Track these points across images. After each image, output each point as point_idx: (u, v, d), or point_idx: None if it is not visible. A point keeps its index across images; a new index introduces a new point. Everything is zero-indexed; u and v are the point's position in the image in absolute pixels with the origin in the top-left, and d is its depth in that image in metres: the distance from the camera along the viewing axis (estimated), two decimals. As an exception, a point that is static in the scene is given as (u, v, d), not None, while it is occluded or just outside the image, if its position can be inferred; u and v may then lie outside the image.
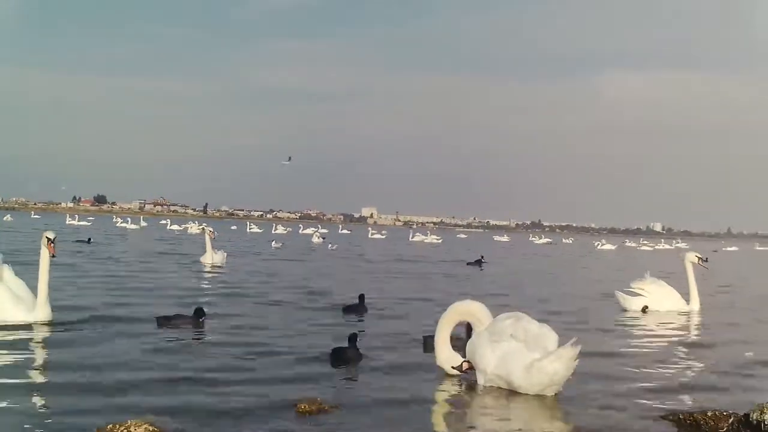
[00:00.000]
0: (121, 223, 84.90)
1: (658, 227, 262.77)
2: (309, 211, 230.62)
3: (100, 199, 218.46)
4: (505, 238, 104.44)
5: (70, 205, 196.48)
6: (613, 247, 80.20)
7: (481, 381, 8.30)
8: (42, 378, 8.15)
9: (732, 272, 38.57)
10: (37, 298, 11.28)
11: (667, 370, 9.98)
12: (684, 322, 15.78)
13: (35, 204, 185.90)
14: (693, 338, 13.70)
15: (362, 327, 12.29)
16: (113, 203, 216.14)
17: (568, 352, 7.75)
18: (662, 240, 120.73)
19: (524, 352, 7.93)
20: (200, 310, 11.87)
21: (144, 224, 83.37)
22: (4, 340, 10.01)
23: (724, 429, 6.85)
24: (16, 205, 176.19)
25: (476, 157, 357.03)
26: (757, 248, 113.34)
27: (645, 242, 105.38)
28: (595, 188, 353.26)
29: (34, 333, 10.67)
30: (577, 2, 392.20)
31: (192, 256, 29.97)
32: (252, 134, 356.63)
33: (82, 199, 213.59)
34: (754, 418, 6.69)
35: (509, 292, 20.46)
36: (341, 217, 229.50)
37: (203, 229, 32.21)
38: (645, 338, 13.32)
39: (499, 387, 8.16)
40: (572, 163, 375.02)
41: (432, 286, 21.73)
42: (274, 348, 10.14)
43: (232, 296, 16.50)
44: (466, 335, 9.12)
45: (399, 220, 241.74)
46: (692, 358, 11.16)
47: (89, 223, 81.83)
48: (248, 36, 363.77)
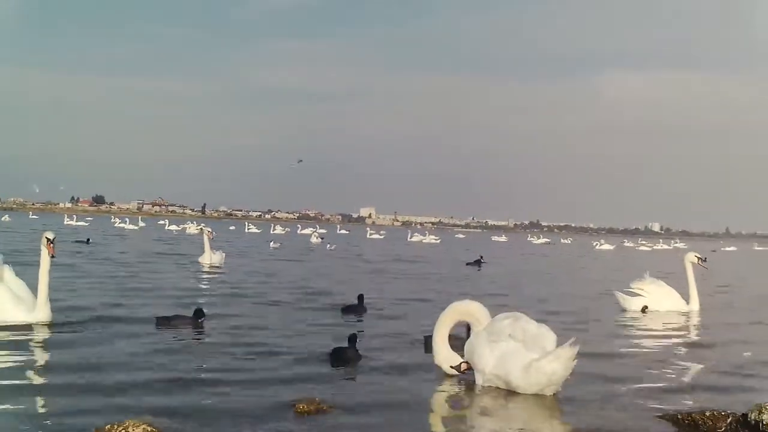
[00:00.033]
0: (120, 223, 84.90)
1: (656, 227, 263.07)
2: (307, 212, 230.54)
3: (98, 200, 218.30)
4: (503, 238, 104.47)
5: (69, 205, 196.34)
6: (612, 247, 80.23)
7: (479, 381, 8.30)
8: (41, 378, 8.15)
9: (731, 272, 38.59)
10: (37, 299, 11.28)
11: (666, 370, 9.98)
12: (684, 322, 15.78)
13: (33, 204, 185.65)
14: (692, 338, 13.71)
15: (361, 327, 12.30)
16: (111, 203, 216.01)
17: (567, 352, 7.76)
18: (660, 240, 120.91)
19: (522, 352, 7.93)
20: (199, 311, 11.89)
21: (142, 224, 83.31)
22: (4, 341, 10.01)
23: (723, 429, 6.87)
24: (14, 206, 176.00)
25: (476, 157, 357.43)
26: (756, 248, 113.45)
27: (643, 242, 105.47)
28: (594, 188, 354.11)
29: (34, 333, 10.67)
30: (577, 2, 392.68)
31: (190, 256, 29.95)
32: (252, 134, 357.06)
33: (81, 200, 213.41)
34: (752, 417, 6.70)
35: (508, 293, 20.47)
36: (339, 217, 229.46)
37: (201, 229, 32.28)
38: (644, 338, 13.33)
39: (497, 387, 8.16)
40: (572, 163, 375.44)
41: (431, 287, 21.72)
42: (273, 348, 10.13)
43: (230, 296, 16.51)
44: (467, 335, 9.13)
45: (397, 221, 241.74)
46: (691, 358, 11.17)
47: (87, 224, 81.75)
48: (248, 36, 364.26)
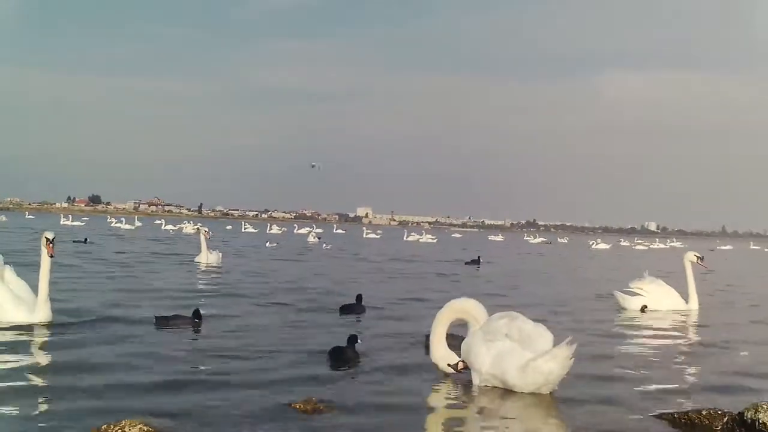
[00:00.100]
0: (116, 223, 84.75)
1: (653, 226, 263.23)
2: (304, 211, 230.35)
3: (94, 199, 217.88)
4: (499, 238, 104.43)
5: (65, 205, 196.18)
6: (608, 247, 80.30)
7: (476, 380, 8.31)
8: (41, 379, 8.12)
9: (730, 271, 38.61)
10: (37, 299, 11.28)
11: (665, 370, 10.00)
12: (683, 321, 15.78)
13: (29, 204, 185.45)
14: (692, 338, 13.69)
15: (360, 327, 12.27)
16: (108, 203, 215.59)
17: (563, 352, 7.77)
18: (657, 239, 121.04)
19: (519, 352, 7.94)
20: (198, 312, 11.90)
21: (138, 224, 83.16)
22: (4, 341, 10.00)
23: (719, 428, 6.89)
24: (11, 205, 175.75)
25: (476, 157, 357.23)
26: (752, 247, 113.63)
27: (640, 241, 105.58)
28: (593, 188, 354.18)
29: (34, 334, 10.66)
30: (577, 2, 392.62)
31: (187, 256, 29.93)
32: (252, 134, 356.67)
33: (77, 200, 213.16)
34: (749, 416, 6.71)
35: (506, 292, 20.47)
36: (336, 216, 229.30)
37: (198, 229, 32.27)
38: (644, 338, 13.29)
39: (494, 386, 8.17)
40: (571, 163, 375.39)
41: (429, 286, 21.73)
42: (271, 348, 10.12)
43: (228, 296, 16.51)
44: None
45: (394, 220, 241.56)
46: (691, 358, 11.19)
47: (83, 224, 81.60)
48: (248, 36, 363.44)
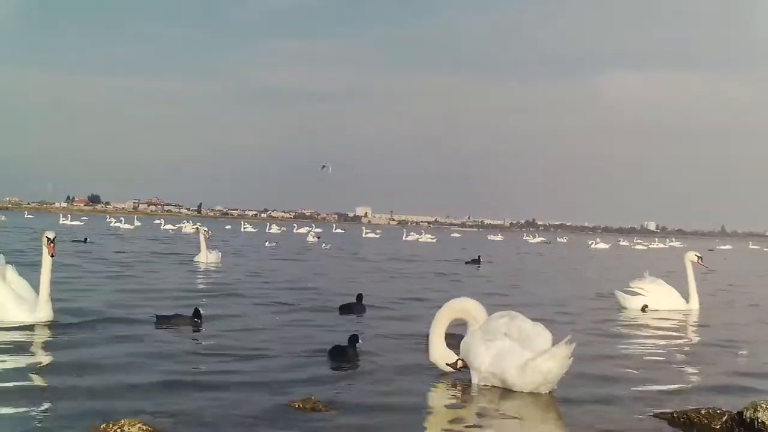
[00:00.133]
0: (115, 222, 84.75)
1: (652, 226, 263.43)
2: (303, 211, 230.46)
3: (93, 199, 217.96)
4: (499, 237, 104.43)
5: (64, 204, 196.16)
6: (607, 246, 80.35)
7: (475, 380, 8.31)
8: (41, 379, 8.09)
9: (730, 271, 38.56)
10: (39, 299, 11.27)
11: (665, 370, 10.00)
12: (683, 321, 15.77)
13: (29, 204, 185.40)
14: (692, 338, 13.69)
15: (360, 327, 12.20)
16: (107, 203, 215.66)
17: (562, 351, 7.77)
18: (656, 239, 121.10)
19: (518, 351, 7.94)
20: (198, 311, 11.90)
21: (138, 224, 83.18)
22: (5, 341, 9.98)
23: (718, 427, 6.89)
24: (10, 205, 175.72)
25: (476, 157, 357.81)
26: (751, 246, 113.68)
27: (639, 241, 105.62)
28: (593, 188, 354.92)
29: (35, 333, 10.65)
30: (577, 2, 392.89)
31: (186, 255, 29.92)
32: (252, 134, 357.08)
33: (76, 199, 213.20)
34: (748, 416, 6.72)
35: (506, 292, 20.46)
36: (335, 216, 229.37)
37: (197, 228, 32.25)
38: (644, 338, 13.26)
39: (493, 386, 8.17)
40: (571, 163, 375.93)
41: (429, 286, 21.70)
42: (271, 347, 10.11)
43: (227, 296, 16.47)
44: None
45: (393, 220, 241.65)
46: (691, 357, 11.17)
47: (83, 223, 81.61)
48: (248, 36, 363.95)
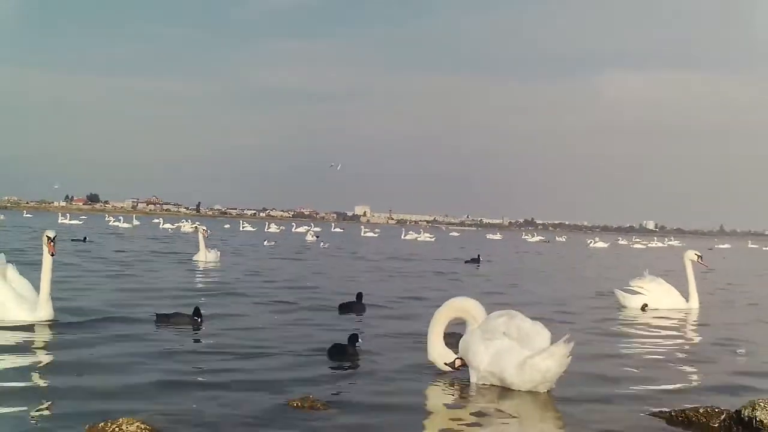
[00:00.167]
0: (114, 222, 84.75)
1: (651, 225, 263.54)
2: (302, 210, 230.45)
3: (92, 198, 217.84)
4: (497, 237, 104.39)
5: (63, 204, 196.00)
6: (606, 245, 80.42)
7: (474, 378, 8.32)
8: (41, 378, 8.07)
9: (729, 270, 38.53)
10: (39, 298, 11.26)
11: (664, 369, 10.00)
12: (683, 320, 15.78)
13: (27, 203, 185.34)
14: (692, 337, 13.70)
15: (360, 326, 12.21)
16: (106, 202, 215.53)
17: (561, 349, 7.78)
18: (655, 238, 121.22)
19: (517, 350, 7.95)
20: (198, 310, 11.90)
21: (136, 223, 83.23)
22: (5, 340, 9.98)
23: (716, 425, 6.90)
24: (8, 204, 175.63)
25: (476, 157, 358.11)
26: (750, 245, 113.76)
27: (638, 240, 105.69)
28: (593, 188, 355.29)
29: (35, 333, 10.64)
30: (577, 2, 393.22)
31: (185, 254, 29.92)
32: (252, 134, 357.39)
33: (75, 198, 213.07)
34: (746, 414, 6.73)
35: (506, 291, 20.47)
36: (334, 215, 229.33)
37: (196, 227, 32.23)
38: (644, 336, 13.24)
39: (492, 385, 8.17)
40: (571, 163, 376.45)
41: (428, 285, 21.68)
42: (270, 346, 10.11)
43: (227, 295, 16.46)
44: None
45: (392, 219, 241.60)
46: (690, 356, 11.17)
47: (81, 222, 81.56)
48: (248, 36, 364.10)
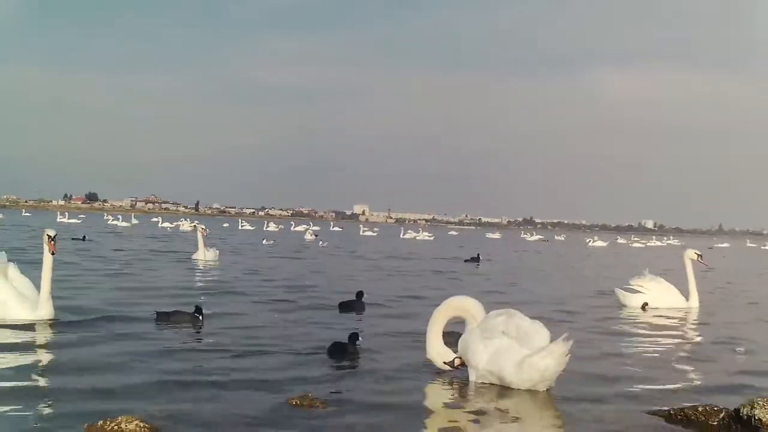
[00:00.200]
0: (112, 220, 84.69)
1: (650, 224, 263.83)
2: (301, 209, 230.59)
3: (91, 197, 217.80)
4: (496, 236, 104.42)
5: (62, 202, 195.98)
6: (604, 244, 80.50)
7: (472, 377, 8.33)
8: (41, 377, 8.04)
9: (728, 269, 38.53)
10: (40, 297, 11.25)
11: (664, 368, 10.00)
12: (683, 319, 15.79)
13: (26, 201, 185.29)
14: (692, 336, 13.70)
15: (360, 325, 12.20)
16: (104, 201, 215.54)
17: (560, 348, 7.78)
18: (654, 237, 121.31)
19: (516, 348, 7.95)
20: (199, 308, 11.89)
21: (135, 222, 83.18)
22: (6, 338, 9.96)
23: (715, 424, 6.91)
24: (7, 203, 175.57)
25: (475, 156, 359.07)
26: (749, 244, 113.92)
27: (636, 239, 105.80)
28: (593, 188, 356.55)
29: (36, 331, 10.63)
30: (577, 2, 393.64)
31: (184, 253, 29.91)
32: (252, 134, 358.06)
33: (74, 197, 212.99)
34: (744, 413, 6.73)
35: (506, 290, 20.44)
36: (333, 214, 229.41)
37: (195, 226, 32.20)
38: (644, 335, 13.23)
39: (491, 383, 8.18)
40: (570, 162, 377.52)
41: (428, 284, 21.65)
42: (270, 345, 10.11)
43: (226, 294, 16.45)
44: None
45: (391, 218, 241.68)
46: (690, 355, 11.19)
47: (80, 221, 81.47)
48: (248, 35, 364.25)
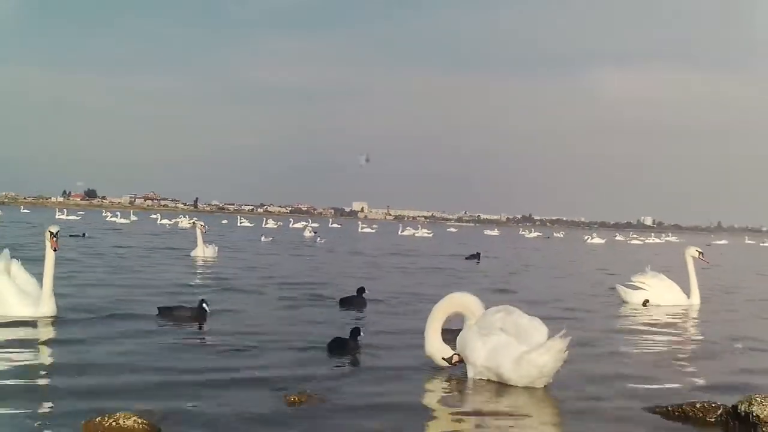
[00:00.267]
0: (111, 217, 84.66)
1: (648, 221, 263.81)
2: (300, 205, 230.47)
3: (90, 194, 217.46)
4: (495, 232, 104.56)
5: (60, 199, 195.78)
6: (602, 241, 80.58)
7: (471, 374, 8.33)
8: (41, 375, 8.01)
9: (728, 266, 38.53)
10: (42, 293, 11.23)
11: (663, 364, 10.02)
12: (684, 316, 15.80)
13: (25, 198, 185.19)
14: (693, 333, 13.72)
15: (361, 322, 12.19)
16: (103, 197, 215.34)
17: (557, 345, 7.78)
18: (652, 234, 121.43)
19: (514, 345, 7.96)
20: (203, 302, 11.83)
21: (134, 218, 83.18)
22: (8, 336, 9.95)
23: (713, 420, 6.91)
24: (6, 200, 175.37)
25: (475, 156, 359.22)
26: (747, 241, 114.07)
27: (635, 236, 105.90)
28: (592, 187, 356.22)
29: (38, 329, 10.61)
30: (577, 2, 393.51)
31: (183, 250, 29.85)
32: (251, 134, 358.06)
33: (72, 194, 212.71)
34: (742, 409, 6.74)
35: (506, 287, 20.37)
36: (332, 211, 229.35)
37: (194, 223, 32.19)
38: (644, 332, 13.23)
39: (489, 380, 8.18)
40: (570, 162, 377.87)
41: (427, 281, 21.64)
42: (270, 342, 10.11)
43: (225, 290, 16.41)
44: None
45: (390, 214, 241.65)
46: (690, 352, 11.20)
47: (79, 218, 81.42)
48: (248, 35, 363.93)
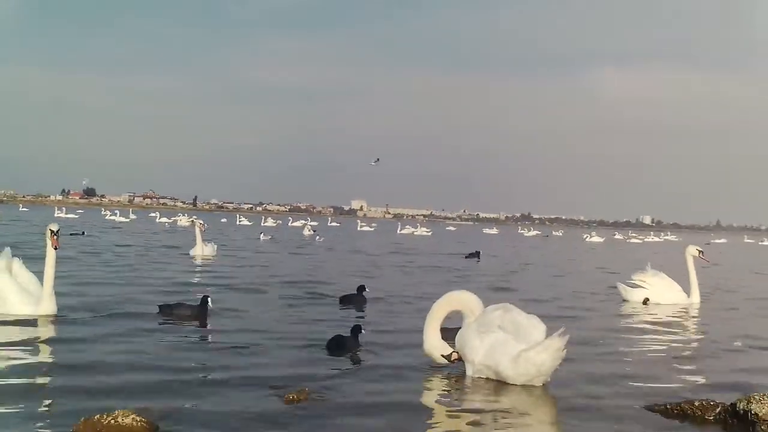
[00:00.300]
0: (110, 215, 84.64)
1: (647, 220, 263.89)
2: (299, 204, 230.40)
3: (89, 192, 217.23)
4: (494, 231, 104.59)
5: (59, 197, 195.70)
6: (601, 240, 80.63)
7: (469, 371, 8.34)
8: (42, 374, 7.97)
9: (727, 265, 38.53)
10: (42, 292, 11.22)
11: (662, 363, 10.03)
12: (684, 315, 15.81)
13: (24, 196, 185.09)
14: (693, 331, 13.72)
15: (361, 320, 12.20)
16: (102, 196, 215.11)
17: (556, 343, 7.79)
18: (651, 233, 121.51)
19: (512, 343, 7.97)
20: (206, 299, 11.80)
21: (133, 217, 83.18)
22: (9, 334, 9.94)
23: (711, 418, 6.92)
24: (4, 198, 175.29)
25: (475, 156, 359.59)
26: (746, 240, 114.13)
27: (634, 235, 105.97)
28: (593, 187, 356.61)
29: (38, 327, 10.58)
30: (577, 2, 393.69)
31: (183, 249, 29.86)
32: (251, 134, 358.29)
33: (71, 192, 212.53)
34: (741, 407, 6.74)
35: (506, 285, 20.38)
36: (331, 209, 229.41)
37: (193, 221, 32.21)
38: (644, 331, 13.25)
39: (487, 378, 8.18)
40: (570, 162, 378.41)
41: (427, 279, 21.63)
42: (269, 340, 10.11)
43: (224, 289, 16.39)
44: None
45: (389, 213, 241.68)
46: (690, 351, 11.22)
47: (78, 216, 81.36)
48: (248, 35, 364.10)
